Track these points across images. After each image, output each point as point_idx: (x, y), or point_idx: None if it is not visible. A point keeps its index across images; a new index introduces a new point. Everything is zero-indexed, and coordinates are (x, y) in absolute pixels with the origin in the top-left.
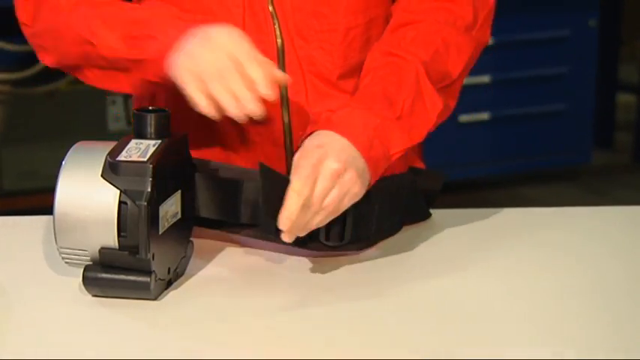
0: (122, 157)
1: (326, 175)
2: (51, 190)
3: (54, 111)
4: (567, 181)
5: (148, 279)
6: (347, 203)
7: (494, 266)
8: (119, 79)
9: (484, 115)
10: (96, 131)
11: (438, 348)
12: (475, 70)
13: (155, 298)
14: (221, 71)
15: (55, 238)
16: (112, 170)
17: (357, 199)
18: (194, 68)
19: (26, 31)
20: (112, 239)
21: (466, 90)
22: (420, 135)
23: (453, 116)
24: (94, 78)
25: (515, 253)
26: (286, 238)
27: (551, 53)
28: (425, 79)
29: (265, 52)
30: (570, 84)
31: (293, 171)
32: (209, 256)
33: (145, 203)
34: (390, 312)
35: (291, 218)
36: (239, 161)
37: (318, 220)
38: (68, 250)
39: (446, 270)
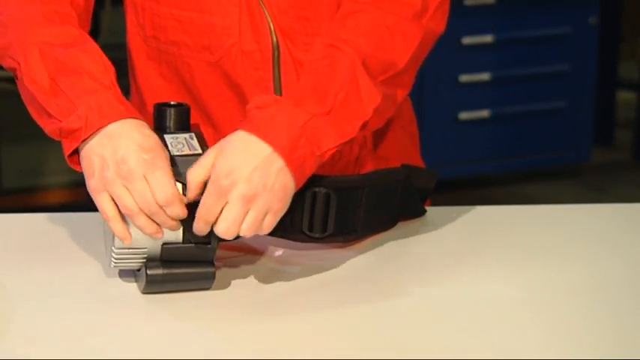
0: (174, 152)
1: (235, 202)
2: (51, 188)
3: None
4: (567, 178)
5: (213, 269)
6: (271, 222)
7: (494, 264)
8: (35, 108)
9: (484, 113)
10: None
11: (436, 348)
12: (475, 68)
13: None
14: (144, 206)
15: (113, 239)
16: (179, 167)
17: (281, 213)
18: (111, 193)
19: None
20: (176, 233)
21: (466, 87)
22: (353, 129)
23: (453, 114)
24: (20, 88)
25: (515, 251)
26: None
27: (551, 51)
28: (361, 70)
29: (261, 51)
30: (570, 82)
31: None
32: None
33: None
34: (387, 311)
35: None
36: None
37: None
38: (125, 251)
39: (444, 268)
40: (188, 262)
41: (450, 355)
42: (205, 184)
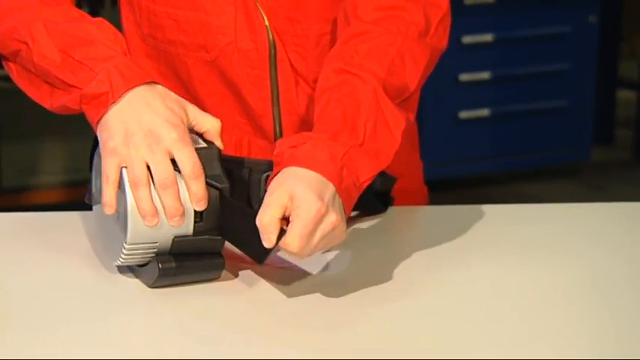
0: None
1: (325, 230)
2: (51, 187)
3: None
4: (567, 177)
5: (222, 258)
6: (329, 244)
7: (494, 263)
8: (42, 89)
9: (484, 112)
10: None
11: (435, 348)
12: (475, 67)
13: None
14: (161, 179)
15: (126, 236)
16: None
17: (340, 239)
18: (128, 157)
19: None
20: (187, 227)
21: (466, 87)
22: (387, 158)
23: (453, 113)
24: (18, 77)
25: (515, 249)
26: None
27: (551, 50)
28: (384, 97)
29: (258, 49)
30: (570, 80)
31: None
32: None
33: (227, 185)
34: (387, 311)
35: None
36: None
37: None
38: (137, 246)
39: (443, 267)
40: (197, 253)
41: (449, 355)
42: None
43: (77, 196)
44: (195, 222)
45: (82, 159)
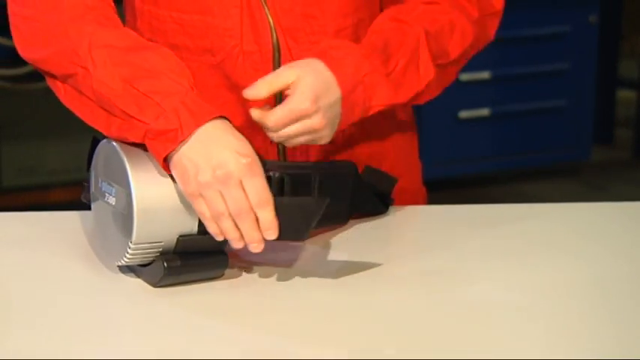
0: None
1: (305, 128)
2: (51, 187)
3: (54, 107)
4: (567, 177)
5: (226, 256)
6: (304, 140)
7: (494, 263)
8: (98, 114)
9: (484, 111)
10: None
11: (435, 348)
12: (475, 66)
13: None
14: (236, 211)
15: (132, 235)
16: None
17: (322, 142)
18: (206, 196)
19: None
20: (192, 226)
21: (466, 86)
22: (405, 96)
23: (453, 112)
24: (66, 97)
25: (515, 249)
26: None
27: (551, 49)
28: (425, 46)
29: (261, 51)
30: (570, 80)
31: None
32: None
33: None
34: (386, 310)
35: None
36: None
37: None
38: (142, 246)
39: (443, 266)
40: (201, 252)
41: (449, 355)
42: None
43: (77, 195)
44: (199, 220)
45: (81, 159)
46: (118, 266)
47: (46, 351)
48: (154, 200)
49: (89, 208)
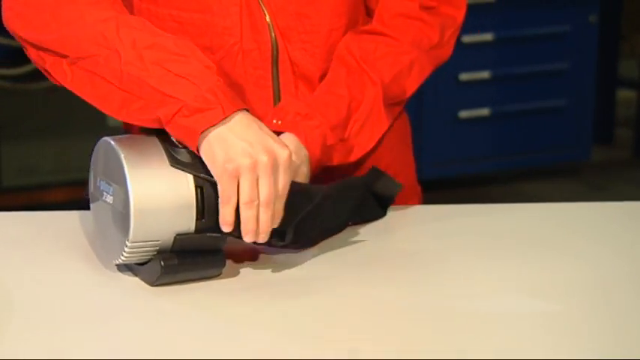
0: (180, 145)
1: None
2: (51, 186)
3: (53, 107)
4: (567, 177)
5: (223, 256)
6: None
7: (494, 262)
8: (112, 96)
9: (484, 111)
10: (95, 127)
11: (435, 347)
12: (475, 66)
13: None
14: (266, 199)
15: (129, 234)
16: (180, 158)
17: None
18: (245, 176)
19: None
20: (189, 225)
21: (466, 86)
22: (356, 156)
23: (453, 112)
24: (74, 80)
25: (515, 249)
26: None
27: (551, 49)
28: (380, 104)
29: (260, 49)
30: (570, 80)
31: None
32: None
33: None
34: (386, 310)
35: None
36: None
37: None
38: (139, 244)
39: (443, 266)
40: (198, 251)
41: (449, 355)
42: None
43: (77, 195)
44: (196, 219)
45: (81, 158)
46: (117, 265)
47: (46, 351)
48: (151, 199)
49: (88, 208)
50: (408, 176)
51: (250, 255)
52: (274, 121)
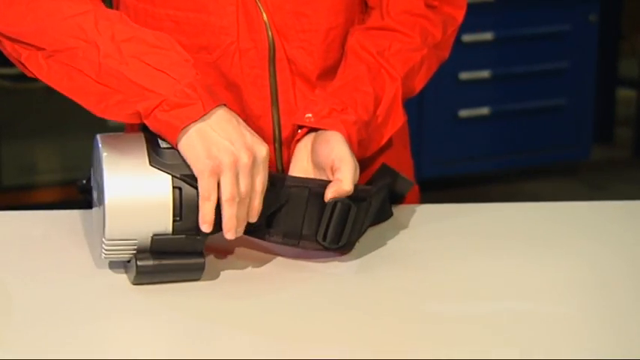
0: (164, 145)
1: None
2: (51, 186)
3: (53, 106)
4: (567, 176)
5: (203, 260)
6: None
7: (494, 262)
8: (89, 90)
9: (484, 110)
10: (95, 126)
11: (435, 347)
12: (475, 65)
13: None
14: (243, 195)
15: (104, 231)
16: (161, 158)
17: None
18: (225, 176)
19: None
20: (166, 225)
21: (466, 85)
22: (371, 152)
23: (453, 111)
24: (50, 73)
25: (514, 248)
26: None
27: (551, 48)
28: (399, 99)
29: (257, 48)
30: (570, 79)
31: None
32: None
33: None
34: (387, 310)
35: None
36: None
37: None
38: (115, 242)
39: (443, 266)
40: (178, 253)
41: (448, 355)
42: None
43: (77, 194)
44: (174, 220)
45: (81, 158)
46: (118, 266)
47: (46, 351)
48: (127, 197)
49: (89, 207)
50: (407, 175)
51: (232, 250)
52: (307, 116)
